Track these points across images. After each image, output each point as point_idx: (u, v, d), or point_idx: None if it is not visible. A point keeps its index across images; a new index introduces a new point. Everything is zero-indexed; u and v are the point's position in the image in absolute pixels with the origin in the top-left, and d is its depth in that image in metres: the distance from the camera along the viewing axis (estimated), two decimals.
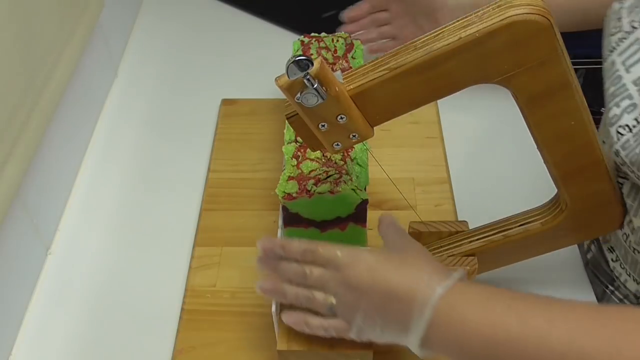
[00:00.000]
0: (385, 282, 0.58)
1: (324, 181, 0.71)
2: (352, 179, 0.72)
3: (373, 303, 0.59)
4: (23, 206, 0.77)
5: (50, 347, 0.76)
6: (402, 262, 0.60)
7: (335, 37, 0.91)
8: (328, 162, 0.74)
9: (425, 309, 0.55)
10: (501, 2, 0.56)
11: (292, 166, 0.74)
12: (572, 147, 0.63)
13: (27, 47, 0.75)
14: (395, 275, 0.58)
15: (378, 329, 0.59)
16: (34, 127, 0.76)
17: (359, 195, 0.70)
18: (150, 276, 0.82)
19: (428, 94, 0.60)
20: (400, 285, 0.57)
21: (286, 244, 0.64)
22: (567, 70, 0.58)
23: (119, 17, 1.11)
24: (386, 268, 0.59)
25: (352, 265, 0.60)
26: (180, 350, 0.74)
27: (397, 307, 0.57)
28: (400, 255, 0.61)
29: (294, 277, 0.63)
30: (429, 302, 0.56)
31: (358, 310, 0.59)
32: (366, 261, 0.60)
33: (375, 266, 0.60)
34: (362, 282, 0.59)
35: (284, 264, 0.64)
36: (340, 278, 0.60)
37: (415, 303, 0.56)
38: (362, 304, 0.59)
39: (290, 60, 0.55)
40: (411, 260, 0.60)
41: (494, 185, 0.91)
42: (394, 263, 0.60)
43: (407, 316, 0.57)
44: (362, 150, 0.76)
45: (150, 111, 1.03)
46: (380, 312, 0.58)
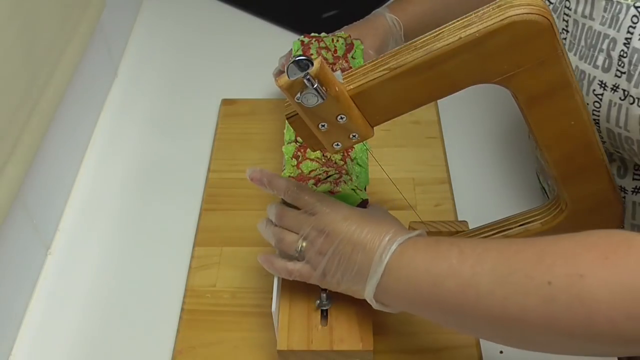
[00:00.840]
0: (356, 232, 0.62)
1: (324, 181, 0.71)
2: (352, 179, 0.72)
3: (340, 250, 0.62)
4: (23, 206, 0.77)
5: (50, 347, 0.76)
6: (375, 219, 0.63)
7: (335, 37, 0.91)
8: (328, 162, 0.74)
9: (384, 257, 0.60)
10: (501, 2, 0.56)
11: (292, 166, 0.74)
12: (572, 147, 0.63)
13: (27, 48, 0.75)
14: (365, 228, 0.62)
15: (339, 275, 0.63)
16: (35, 127, 0.76)
17: (359, 195, 0.70)
18: (150, 276, 0.82)
19: (428, 94, 0.60)
20: (367, 236, 0.61)
21: (273, 178, 0.68)
22: (567, 70, 0.58)
23: (119, 17, 1.11)
24: (359, 221, 0.63)
25: (330, 212, 0.64)
26: (180, 351, 0.74)
27: (361, 255, 0.61)
28: (374, 215, 0.65)
29: (274, 218, 0.68)
30: (388, 251, 0.60)
31: (325, 255, 0.63)
32: (343, 212, 0.64)
33: (350, 217, 0.63)
34: (335, 229, 0.63)
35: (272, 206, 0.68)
36: (315, 222, 0.64)
37: (377, 252, 0.60)
38: (331, 249, 0.63)
39: (291, 61, 0.55)
40: (382, 220, 0.64)
41: (494, 185, 0.91)
42: (366, 218, 0.63)
43: (367, 262, 0.61)
44: (362, 151, 0.76)
45: (150, 111, 1.03)
46: (345, 259, 0.62)
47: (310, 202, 0.65)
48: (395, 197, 0.84)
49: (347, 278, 0.62)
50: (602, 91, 0.65)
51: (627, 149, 0.66)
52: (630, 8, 0.62)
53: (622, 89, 0.63)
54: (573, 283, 0.49)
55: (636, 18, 0.61)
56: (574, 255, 0.51)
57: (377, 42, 0.93)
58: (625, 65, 0.63)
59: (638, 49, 0.61)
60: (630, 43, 0.62)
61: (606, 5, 0.64)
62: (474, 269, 0.54)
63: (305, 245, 0.64)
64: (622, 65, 0.63)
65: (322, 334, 0.67)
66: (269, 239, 0.68)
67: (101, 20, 0.96)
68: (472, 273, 0.54)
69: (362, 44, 0.91)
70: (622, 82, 0.63)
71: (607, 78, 0.64)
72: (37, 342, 0.76)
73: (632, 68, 0.62)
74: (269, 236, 0.68)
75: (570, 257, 0.51)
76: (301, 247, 0.65)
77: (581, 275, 0.49)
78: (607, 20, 0.64)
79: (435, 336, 0.73)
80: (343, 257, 0.62)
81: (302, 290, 0.69)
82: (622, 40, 0.63)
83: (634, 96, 0.62)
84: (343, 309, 0.68)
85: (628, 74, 0.62)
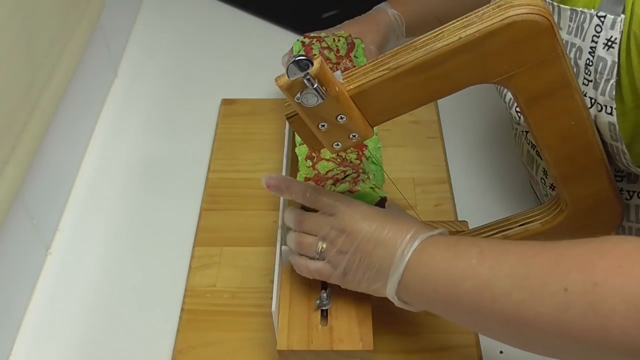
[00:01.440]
0: (377, 230, 0.62)
1: (343, 181, 0.71)
2: (370, 178, 0.72)
3: (361, 249, 0.62)
4: (23, 206, 0.77)
5: (50, 347, 0.76)
6: (395, 218, 0.64)
7: (337, 37, 0.90)
8: (344, 161, 0.75)
9: (406, 253, 0.60)
10: (501, 2, 0.56)
11: (307, 167, 0.74)
12: (572, 147, 0.63)
13: (28, 47, 0.75)
14: (387, 226, 0.62)
15: (360, 273, 0.63)
16: (35, 126, 0.76)
17: (378, 193, 0.71)
18: (150, 276, 0.82)
19: (428, 94, 0.60)
20: (389, 234, 0.62)
21: (290, 183, 0.68)
22: (567, 70, 0.58)
23: (119, 17, 1.11)
24: (380, 220, 0.63)
25: (349, 212, 0.64)
26: (180, 351, 0.74)
27: (382, 253, 0.61)
28: (393, 214, 0.65)
29: (293, 223, 0.67)
30: (410, 248, 0.60)
31: (346, 254, 0.63)
32: (363, 211, 0.64)
33: (370, 216, 0.63)
34: (356, 228, 0.63)
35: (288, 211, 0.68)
36: (335, 222, 0.64)
37: (399, 249, 0.60)
38: (352, 248, 0.63)
39: (290, 61, 0.55)
40: (403, 218, 0.64)
41: (494, 185, 0.91)
42: (387, 217, 0.63)
43: (388, 261, 0.61)
44: (376, 149, 0.77)
45: (151, 111, 1.03)
46: (366, 258, 0.62)
47: (329, 202, 0.65)
48: (395, 197, 0.84)
49: (368, 276, 0.62)
50: None
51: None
52: (593, 17, 0.62)
53: (589, 97, 0.64)
54: (587, 291, 0.49)
55: (599, 27, 0.62)
56: (589, 262, 0.50)
57: (378, 37, 0.93)
58: (591, 73, 0.63)
59: (603, 58, 0.62)
60: (595, 52, 0.62)
61: (571, 15, 0.65)
62: (492, 270, 0.55)
63: (325, 247, 0.64)
64: (588, 73, 0.64)
65: (322, 334, 0.67)
66: (290, 246, 0.68)
67: (101, 19, 0.96)
68: (489, 275, 0.54)
69: (362, 42, 0.91)
70: (589, 90, 0.64)
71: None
72: (37, 342, 0.76)
73: (597, 76, 0.62)
74: (290, 242, 0.68)
75: (585, 263, 0.51)
76: (321, 248, 0.65)
77: (595, 283, 0.49)
78: (573, 29, 0.65)
79: (435, 336, 0.73)
80: (364, 255, 0.62)
81: (302, 290, 0.69)
82: (587, 49, 0.63)
83: (601, 104, 0.63)
84: (343, 309, 0.68)
85: (594, 82, 0.63)
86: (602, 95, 0.62)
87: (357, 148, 0.76)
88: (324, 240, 0.65)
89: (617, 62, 0.61)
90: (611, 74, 0.61)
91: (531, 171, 0.80)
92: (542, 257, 0.53)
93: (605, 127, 0.63)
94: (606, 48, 0.61)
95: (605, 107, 0.63)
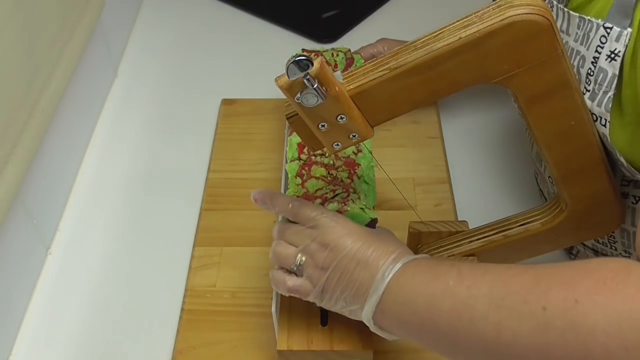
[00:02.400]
0: (362, 249, 0.60)
1: (332, 200, 0.70)
2: (360, 198, 0.70)
3: (342, 266, 0.60)
4: (23, 206, 0.77)
5: (50, 347, 0.76)
6: (381, 239, 0.62)
7: (335, 52, 0.90)
8: (334, 180, 0.73)
9: (387, 275, 0.58)
10: (501, 2, 0.56)
11: (296, 185, 0.73)
12: (572, 147, 0.63)
13: (27, 47, 0.75)
14: (371, 246, 0.61)
15: (338, 292, 0.61)
16: (34, 126, 0.76)
17: (368, 214, 0.69)
18: (150, 276, 0.82)
19: (428, 94, 0.60)
20: (373, 254, 0.60)
21: (274, 196, 0.67)
22: (567, 70, 0.58)
23: (119, 16, 1.11)
24: (365, 238, 0.61)
25: (334, 226, 0.62)
26: (180, 350, 0.74)
27: (363, 273, 0.59)
28: (380, 235, 0.64)
29: (276, 233, 0.66)
30: (391, 270, 0.58)
31: (326, 271, 0.61)
32: (349, 227, 0.62)
33: (356, 233, 0.62)
34: (339, 244, 0.61)
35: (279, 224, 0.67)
36: (317, 236, 0.62)
37: (379, 270, 0.59)
38: (332, 265, 0.61)
39: (290, 60, 0.55)
40: (389, 240, 0.63)
41: (493, 185, 0.91)
42: (373, 237, 0.62)
43: (368, 281, 0.59)
44: (369, 168, 0.75)
45: (150, 111, 1.03)
46: (346, 276, 0.60)
47: (312, 215, 0.63)
48: (395, 197, 0.84)
49: (346, 296, 0.60)
50: None
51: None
52: (600, 27, 0.61)
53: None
54: (567, 308, 0.47)
55: (604, 38, 0.61)
56: (571, 280, 0.48)
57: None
58: (591, 83, 0.62)
59: (604, 69, 0.61)
60: (597, 62, 0.62)
61: (580, 23, 0.64)
62: (470, 290, 0.53)
63: (304, 260, 0.62)
64: (588, 83, 0.63)
65: (322, 334, 0.67)
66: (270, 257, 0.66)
67: (101, 19, 0.96)
68: (467, 295, 0.53)
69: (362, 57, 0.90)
70: (585, 100, 0.62)
71: None
72: (37, 341, 0.76)
73: (596, 87, 0.62)
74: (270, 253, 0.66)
75: (567, 282, 0.49)
76: (300, 260, 0.63)
77: (576, 300, 0.47)
78: (580, 37, 0.64)
79: None
80: (345, 273, 0.60)
81: None
82: (590, 58, 0.62)
83: (596, 114, 0.62)
84: None
85: (592, 92, 0.62)
86: (599, 106, 0.62)
87: (349, 166, 0.74)
88: (304, 253, 0.63)
89: (618, 75, 0.60)
90: (610, 87, 0.61)
91: (540, 168, 0.80)
92: (522, 276, 0.51)
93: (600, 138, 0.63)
94: (609, 60, 0.60)
95: (600, 119, 0.62)
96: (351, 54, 0.90)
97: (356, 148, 0.76)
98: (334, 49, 0.91)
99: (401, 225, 0.78)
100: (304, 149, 0.76)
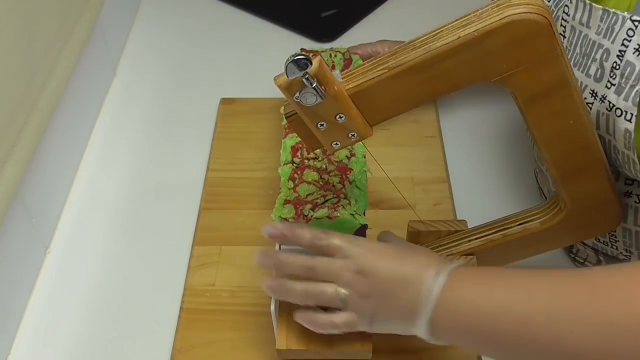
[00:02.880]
0: (397, 269, 0.59)
1: (322, 205, 0.70)
2: (351, 203, 0.70)
3: (384, 290, 0.59)
4: (22, 205, 0.77)
5: (49, 347, 0.76)
6: (409, 253, 0.62)
7: (333, 52, 0.90)
8: (326, 185, 0.73)
9: (433, 291, 0.57)
10: (500, 2, 0.56)
11: (288, 189, 0.72)
12: (571, 147, 0.63)
13: (26, 47, 0.75)
14: (403, 263, 0.60)
15: (386, 316, 0.60)
16: (33, 126, 0.76)
17: (358, 220, 0.69)
18: (149, 275, 0.82)
19: (427, 93, 0.60)
20: (410, 271, 0.59)
21: (294, 230, 0.64)
22: (566, 70, 0.58)
23: (118, 16, 1.11)
24: (394, 256, 0.61)
25: (363, 253, 0.61)
26: (179, 350, 0.74)
27: (407, 292, 0.58)
28: (402, 246, 0.64)
29: (300, 270, 0.63)
30: (435, 284, 0.57)
31: (371, 298, 0.60)
32: (376, 249, 0.61)
33: (385, 253, 0.61)
34: (375, 269, 0.60)
35: (290, 257, 0.64)
36: (352, 266, 0.60)
37: (423, 287, 0.58)
38: (375, 291, 0.60)
39: (289, 60, 0.55)
40: (417, 252, 0.62)
41: (493, 184, 0.91)
42: (400, 253, 0.61)
43: (415, 299, 0.58)
44: (361, 173, 0.74)
45: (150, 110, 1.03)
46: (391, 298, 0.59)
47: (343, 245, 0.61)
48: (394, 196, 0.84)
49: (396, 317, 0.60)
50: (593, 100, 0.64)
51: (614, 157, 0.65)
52: (626, 20, 0.60)
53: (608, 101, 0.62)
54: (631, 323, 0.48)
55: (632, 31, 0.60)
56: (629, 291, 0.50)
57: None
58: (616, 77, 0.61)
59: (632, 63, 0.60)
60: (624, 56, 0.61)
61: (603, 15, 0.63)
62: (526, 305, 0.53)
63: (347, 294, 0.61)
64: (614, 77, 0.62)
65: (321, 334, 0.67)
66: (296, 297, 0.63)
67: (100, 19, 0.96)
68: (524, 310, 0.53)
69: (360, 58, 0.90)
70: (609, 94, 0.62)
71: (598, 88, 0.63)
72: (36, 341, 0.76)
73: (623, 81, 0.61)
74: (298, 294, 0.63)
75: (625, 293, 0.50)
76: (344, 295, 0.61)
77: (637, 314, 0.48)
78: (603, 30, 0.63)
79: None
80: (388, 297, 0.59)
81: None
82: (615, 52, 0.61)
83: (622, 109, 0.61)
84: None
85: (618, 86, 0.61)
86: (625, 100, 0.60)
87: (341, 171, 0.74)
88: (345, 286, 0.61)
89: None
90: (637, 80, 0.60)
91: (541, 166, 0.80)
92: (577, 287, 0.52)
93: (621, 134, 0.62)
94: (637, 53, 0.59)
95: (626, 114, 0.61)
96: (349, 54, 0.90)
97: (350, 152, 0.76)
98: (332, 49, 0.91)
99: (400, 224, 0.78)
100: (297, 153, 0.76)
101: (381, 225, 0.81)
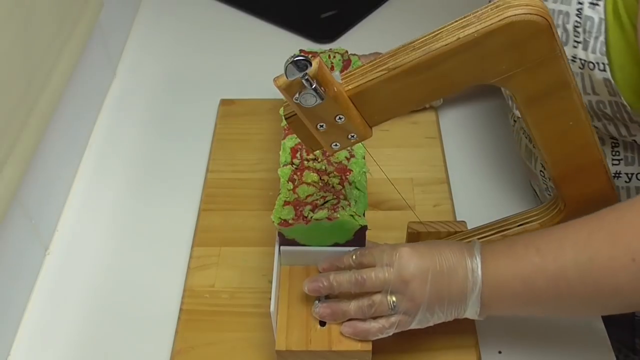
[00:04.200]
0: (432, 264, 0.63)
1: (321, 207, 0.70)
2: (351, 204, 0.70)
3: (432, 284, 0.63)
4: (21, 206, 0.77)
5: (48, 347, 0.76)
6: (434, 246, 0.65)
7: (332, 53, 0.90)
8: (325, 186, 0.73)
9: (476, 272, 0.62)
10: (500, 3, 0.56)
11: (288, 190, 0.72)
12: (571, 147, 0.63)
13: (25, 48, 0.75)
14: (436, 257, 0.64)
15: (439, 307, 0.64)
16: (33, 127, 0.76)
17: (358, 221, 0.69)
18: (149, 276, 0.82)
19: (426, 94, 0.60)
20: (447, 261, 0.63)
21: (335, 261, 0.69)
22: (565, 71, 0.58)
23: (117, 17, 1.11)
24: (425, 252, 0.64)
25: (400, 258, 0.64)
26: (179, 351, 0.74)
27: (453, 279, 0.63)
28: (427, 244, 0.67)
29: (350, 286, 0.66)
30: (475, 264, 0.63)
31: (423, 296, 0.63)
32: (409, 252, 0.65)
33: (419, 252, 0.64)
34: (417, 270, 0.63)
35: (337, 277, 0.67)
36: (396, 273, 0.64)
37: (467, 271, 0.63)
38: (424, 290, 0.63)
39: (289, 61, 0.55)
40: (441, 245, 0.66)
41: (492, 186, 0.91)
42: (429, 247, 0.65)
43: (463, 283, 0.63)
44: (361, 174, 0.74)
45: (149, 111, 1.03)
46: (440, 291, 0.63)
47: (380, 255, 0.65)
48: (393, 197, 0.84)
49: (447, 307, 0.64)
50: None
51: (601, 115, 0.68)
52: None
53: (579, 59, 0.66)
54: None
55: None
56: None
57: None
58: (580, 34, 0.65)
59: (590, 17, 0.64)
60: (582, 12, 0.65)
61: None
62: (557, 262, 0.59)
63: (396, 300, 0.64)
64: (577, 35, 0.66)
65: (321, 334, 0.67)
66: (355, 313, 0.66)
67: (99, 20, 0.96)
68: (556, 267, 0.59)
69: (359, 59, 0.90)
70: (579, 52, 0.66)
71: (567, 51, 0.66)
72: (35, 342, 0.76)
73: (586, 35, 0.65)
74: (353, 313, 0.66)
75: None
76: (394, 302, 0.64)
77: None
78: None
79: (434, 336, 0.73)
80: (437, 290, 0.63)
81: (300, 290, 0.69)
82: (574, 12, 0.65)
83: (593, 62, 0.65)
84: None
85: (584, 42, 0.65)
86: (593, 53, 0.65)
87: (341, 172, 0.74)
88: (392, 294, 0.64)
89: (604, 19, 0.63)
90: (599, 31, 0.64)
91: (530, 165, 0.80)
92: (597, 236, 0.58)
93: (602, 85, 0.65)
94: (592, 7, 0.64)
95: (598, 64, 0.65)
96: (348, 55, 0.90)
97: (349, 153, 0.76)
98: (331, 50, 0.91)
99: (400, 225, 0.78)
100: (296, 154, 0.76)
101: (381, 226, 0.81)
